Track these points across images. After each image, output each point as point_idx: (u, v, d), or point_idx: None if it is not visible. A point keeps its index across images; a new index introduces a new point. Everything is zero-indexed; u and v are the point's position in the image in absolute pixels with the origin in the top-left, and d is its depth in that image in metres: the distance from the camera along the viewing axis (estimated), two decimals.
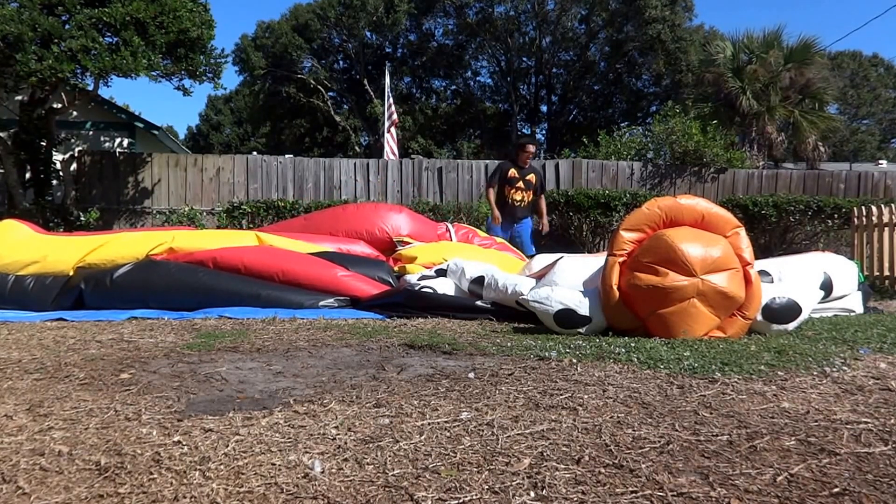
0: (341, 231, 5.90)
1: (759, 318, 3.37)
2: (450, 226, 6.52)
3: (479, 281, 4.41)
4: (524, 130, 28.99)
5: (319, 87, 24.76)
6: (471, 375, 2.46)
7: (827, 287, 4.25)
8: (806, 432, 1.77)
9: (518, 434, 1.75)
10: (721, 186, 10.62)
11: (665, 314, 3.22)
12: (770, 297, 3.38)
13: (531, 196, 6.86)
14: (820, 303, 4.31)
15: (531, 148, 6.93)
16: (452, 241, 6.14)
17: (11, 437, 1.74)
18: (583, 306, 3.49)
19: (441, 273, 4.73)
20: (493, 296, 4.28)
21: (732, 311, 3.28)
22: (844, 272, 4.39)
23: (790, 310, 3.39)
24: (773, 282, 4.15)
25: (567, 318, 3.48)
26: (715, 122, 11.85)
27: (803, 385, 2.30)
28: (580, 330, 3.48)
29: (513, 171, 6.79)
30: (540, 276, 4.32)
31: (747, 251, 3.41)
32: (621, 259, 3.47)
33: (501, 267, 5.02)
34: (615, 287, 3.42)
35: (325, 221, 6.22)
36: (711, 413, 1.96)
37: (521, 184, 6.78)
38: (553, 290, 3.61)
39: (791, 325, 3.42)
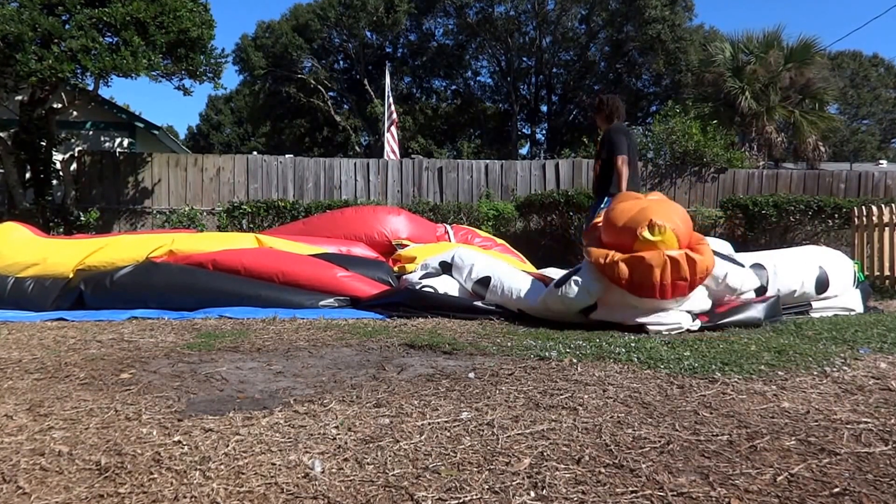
0: (340, 235, 5.88)
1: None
2: (448, 227, 6.51)
3: (483, 282, 4.38)
4: (524, 130, 29.02)
5: (319, 87, 24.76)
6: (471, 375, 2.46)
7: (822, 282, 4.25)
8: (806, 432, 1.77)
9: (518, 434, 1.75)
10: (721, 186, 10.61)
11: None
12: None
13: (599, 167, 5.38)
14: (816, 299, 4.33)
15: (598, 104, 5.43)
16: (451, 243, 6.13)
17: (11, 436, 1.74)
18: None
19: (445, 265, 4.70)
20: (497, 300, 4.27)
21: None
22: (840, 267, 4.40)
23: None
24: (768, 276, 4.17)
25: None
26: (715, 122, 11.85)
27: (803, 385, 2.30)
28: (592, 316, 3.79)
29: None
30: (541, 278, 4.36)
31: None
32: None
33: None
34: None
35: (323, 225, 6.21)
36: (711, 413, 1.96)
37: (596, 153, 5.47)
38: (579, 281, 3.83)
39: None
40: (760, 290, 4.20)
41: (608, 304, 3.75)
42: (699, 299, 3.77)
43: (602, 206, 5.04)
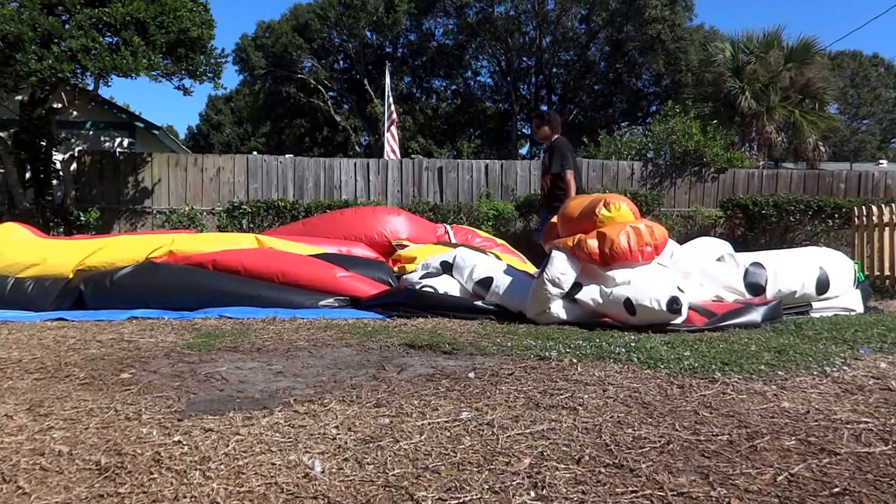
0: (340, 235, 5.88)
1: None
2: (448, 227, 6.51)
3: (485, 283, 4.37)
4: (524, 130, 29.02)
5: (319, 86, 24.77)
6: (471, 375, 2.46)
7: (823, 283, 4.26)
8: (806, 432, 1.77)
9: (518, 434, 1.75)
10: (721, 186, 10.62)
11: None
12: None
13: (548, 181, 5.62)
14: (817, 300, 4.34)
15: (535, 121, 5.90)
16: (451, 243, 6.13)
17: (11, 436, 1.74)
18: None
19: (446, 265, 4.70)
20: (498, 301, 4.26)
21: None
22: (841, 268, 4.40)
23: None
24: (767, 276, 4.19)
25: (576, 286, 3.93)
26: (715, 122, 11.85)
27: (803, 385, 2.30)
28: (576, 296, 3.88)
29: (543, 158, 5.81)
30: None
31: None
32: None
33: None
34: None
35: (323, 226, 6.19)
36: (711, 413, 1.96)
37: (543, 166, 5.80)
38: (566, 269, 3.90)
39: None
40: (759, 290, 4.21)
41: (589, 275, 3.89)
42: (681, 281, 3.99)
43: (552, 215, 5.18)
